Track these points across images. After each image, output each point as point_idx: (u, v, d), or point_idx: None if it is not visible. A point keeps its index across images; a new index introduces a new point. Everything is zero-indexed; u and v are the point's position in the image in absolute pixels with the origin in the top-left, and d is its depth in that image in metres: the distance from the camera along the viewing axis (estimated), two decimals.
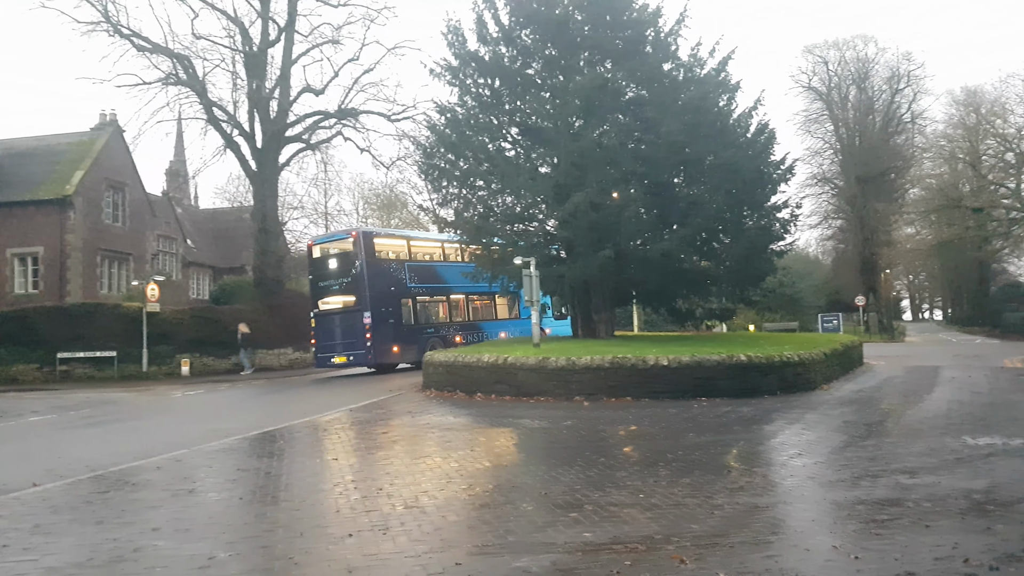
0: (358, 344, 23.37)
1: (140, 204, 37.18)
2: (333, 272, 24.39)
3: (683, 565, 5.10)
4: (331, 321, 24.36)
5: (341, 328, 23.92)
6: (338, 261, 24.42)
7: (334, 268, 24.38)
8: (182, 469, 9.23)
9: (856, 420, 11.65)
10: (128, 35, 29.04)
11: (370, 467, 8.94)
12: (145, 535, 6.28)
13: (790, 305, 49.49)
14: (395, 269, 24.72)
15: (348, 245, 24.56)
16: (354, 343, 23.46)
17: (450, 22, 21.67)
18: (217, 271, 45.68)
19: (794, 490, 7.37)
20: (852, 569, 4.95)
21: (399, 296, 24.62)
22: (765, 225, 21.75)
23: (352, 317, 23.62)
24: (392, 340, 23.50)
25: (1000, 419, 11.22)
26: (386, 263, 24.86)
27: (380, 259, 24.68)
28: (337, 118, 32.13)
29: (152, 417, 16.48)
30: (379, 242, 25.45)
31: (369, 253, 24.08)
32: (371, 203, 60.27)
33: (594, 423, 12.02)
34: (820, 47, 58.59)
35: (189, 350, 27.03)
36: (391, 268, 24.70)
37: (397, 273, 24.70)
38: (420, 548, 5.63)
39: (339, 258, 24.49)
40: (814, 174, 59.44)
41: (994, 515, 6.14)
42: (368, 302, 23.32)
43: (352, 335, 23.50)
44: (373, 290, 23.43)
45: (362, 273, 23.53)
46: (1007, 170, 43.81)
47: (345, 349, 23.69)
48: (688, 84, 20.92)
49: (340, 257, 24.49)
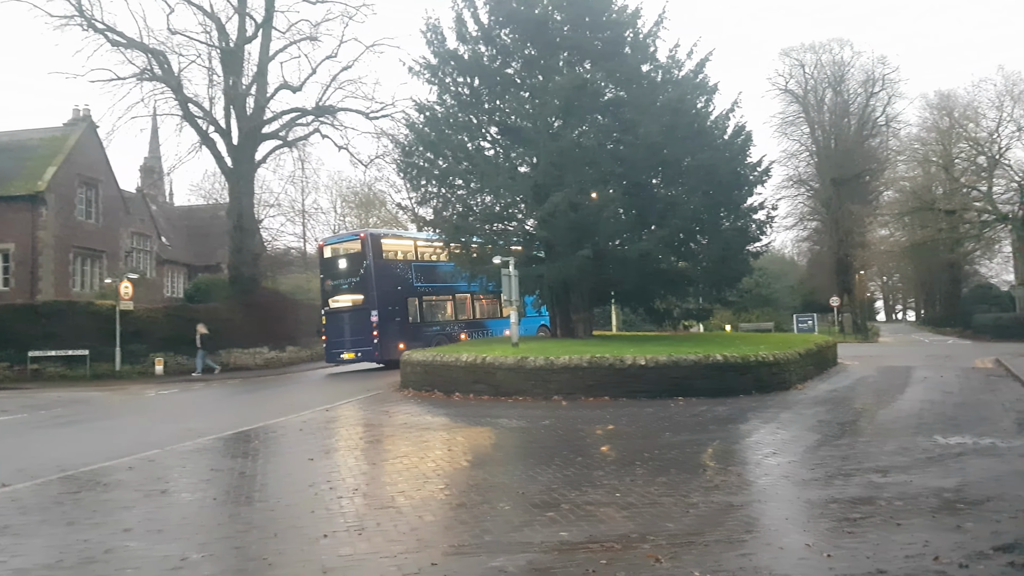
0: (366, 341, 24.18)
1: (114, 201, 36.65)
2: (342, 272, 25.26)
3: (658, 564, 5.13)
4: (340, 319, 25.15)
5: (350, 325, 24.77)
6: (347, 261, 25.25)
7: (343, 268, 25.24)
8: (155, 469, 9.13)
9: (830, 419, 11.78)
10: (102, 29, 28.60)
11: (346, 467, 8.89)
12: (116, 536, 6.21)
13: (766, 306, 49.96)
14: (402, 269, 25.44)
15: (356, 246, 25.30)
16: (362, 340, 24.27)
17: (429, 20, 21.64)
18: (192, 269, 45.18)
19: (768, 489, 7.44)
20: (824, 567, 5.00)
21: (406, 295, 25.46)
22: (741, 226, 21.95)
23: (360, 315, 24.43)
24: (399, 337, 24.11)
25: (971, 419, 11.40)
26: (393, 263, 25.62)
27: (387, 259, 25.52)
28: (315, 115, 31.89)
29: (125, 417, 16.28)
30: (386, 243, 26.27)
31: (376, 254, 24.92)
32: (349, 201, 59.92)
33: (572, 422, 12.05)
34: (797, 50, 59.19)
35: (163, 349, 26.69)
36: (398, 268, 25.42)
37: (404, 273, 25.44)
38: (396, 548, 5.61)
39: (348, 258, 25.28)
40: (790, 176, 60.04)
41: (964, 513, 6.24)
42: (375, 301, 24.19)
43: (360, 332, 24.32)
44: (380, 289, 24.27)
45: (369, 273, 24.39)
46: (979, 173, 44.49)
47: (353, 346, 24.51)
48: (666, 86, 21.04)
49: (349, 258, 25.30)
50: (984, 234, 47.46)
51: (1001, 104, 42.29)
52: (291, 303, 33.45)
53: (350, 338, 24.65)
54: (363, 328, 24.21)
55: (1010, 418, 11.43)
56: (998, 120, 42.54)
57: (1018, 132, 42.14)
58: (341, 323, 25.09)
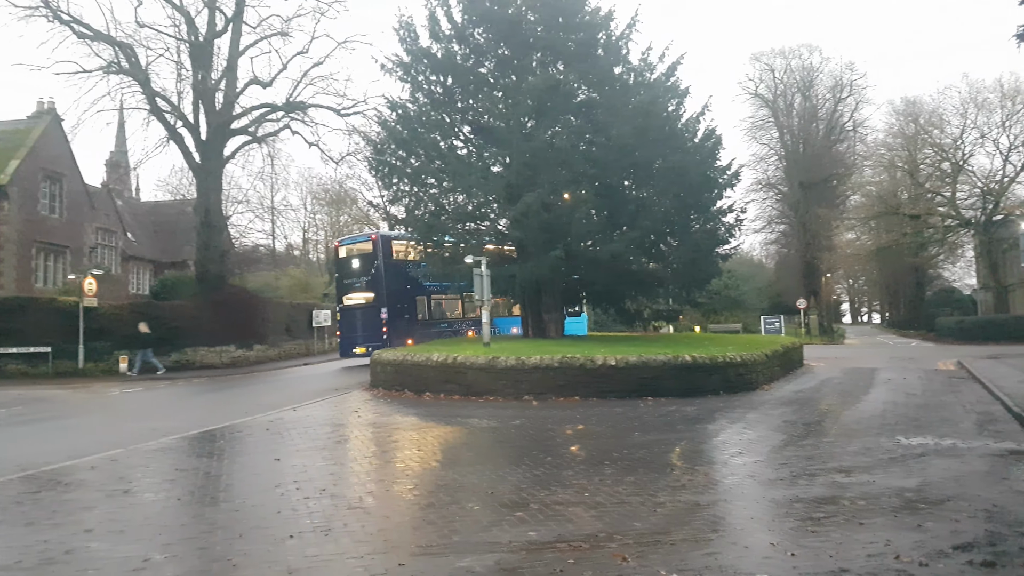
0: (376, 336, 25.27)
1: (78, 195, 35.97)
2: (355, 271, 26.50)
3: (625, 563, 5.16)
4: (353, 315, 26.57)
5: (362, 322, 26.09)
6: (359, 261, 26.38)
7: (356, 267, 26.46)
8: (118, 469, 8.97)
9: (795, 420, 11.93)
10: (68, 21, 28.03)
11: (313, 467, 8.80)
12: (77, 536, 6.10)
13: (734, 307, 50.54)
14: (411, 269, 25.78)
15: (368, 247, 26.32)
16: (372, 335, 25.45)
17: (402, 18, 21.58)
18: (158, 266, 44.51)
19: (734, 488, 7.51)
20: (788, 566, 5.07)
21: (415, 293, 26.48)
22: (711, 229, 22.16)
23: (371, 312, 25.75)
24: (407, 334, 24.98)
25: (932, 420, 11.62)
26: (403, 263, 26.21)
27: (397, 259, 26.33)
28: (285, 111, 31.56)
29: (87, 415, 15.96)
30: (397, 244, 26.80)
31: (387, 254, 25.94)
32: (320, 198, 59.50)
33: (542, 422, 12.07)
34: (767, 55, 60.09)
35: (128, 347, 26.19)
36: (407, 268, 25.84)
37: (413, 272, 25.80)
38: (363, 549, 5.58)
39: (360, 258, 26.40)
40: (759, 179, 60.88)
41: (925, 513, 6.36)
42: (385, 299, 25.46)
43: (371, 328, 25.58)
44: (390, 288, 25.37)
45: (380, 272, 25.48)
46: (943, 179, 45.40)
47: (364, 341, 25.69)
48: (638, 88, 21.17)
49: (361, 257, 26.40)
50: (947, 239, 48.48)
51: (965, 111, 43.26)
52: (259, 301, 33.09)
53: (362, 333, 25.91)
54: (374, 324, 25.44)
55: (971, 419, 11.67)
56: (962, 127, 43.50)
57: (981, 139, 43.16)
58: (354, 319, 26.39)
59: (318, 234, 62.91)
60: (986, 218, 43.00)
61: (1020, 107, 41.27)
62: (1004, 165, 42.69)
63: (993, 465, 8.27)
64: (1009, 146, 42.04)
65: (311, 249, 63.50)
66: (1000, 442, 9.59)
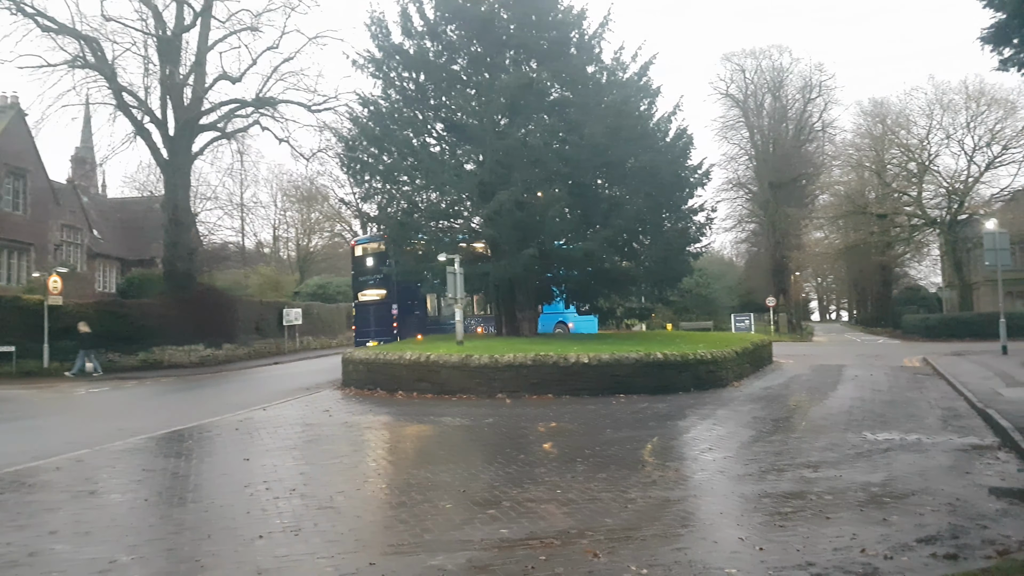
0: (387, 331, 26.10)
1: (43, 192, 35.27)
2: (369, 269, 27.16)
3: (596, 559, 5.18)
4: (367, 311, 27.62)
5: (374, 317, 27.02)
6: (374, 259, 26.80)
7: (370, 266, 27.10)
8: (83, 470, 8.82)
9: (764, 416, 12.07)
10: (32, 14, 27.44)
11: (283, 468, 8.72)
12: (42, 539, 5.99)
13: (705, 305, 50.90)
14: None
15: (381, 246, 26.37)
16: (384, 330, 26.32)
17: (374, 14, 21.45)
18: (125, 263, 43.74)
19: (704, 484, 7.59)
20: (756, 560, 5.13)
21: (426, 291, 26.52)
22: (683, 227, 22.35)
23: (383, 308, 26.64)
24: (417, 329, 25.45)
25: (898, 416, 11.83)
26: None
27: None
28: (255, 107, 31.18)
29: (53, 416, 15.66)
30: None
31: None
32: (290, 195, 58.86)
33: (515, 420, 12.08)
34: (738, 55, 60.47)
35: (94, 346, 25.79)
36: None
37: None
38: (334, 549, 5.54)
39: (375, 257, 26.79)
40: (730, 179, 61.35)
41: (890, 507, 6.47)
42: (396, 295, 26.07)
43: (383, 323, 26.49)
44: (400, 285, 25.53)
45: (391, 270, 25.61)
46: (910, 179, 46.15)
47: (377, 335, 26.44)
48: (611, 87, 21.26)
49: (375, 256, 26.75)
50: (914, 238, 49.36)
51: (931, 112, 43.96)
52: (228, 299, 32.67)
53: (374, 328, 26.85)
54: (386, 319, 26.43)
55: (935, 415, 11.90)
56: (928, 128, 44.22)
57: (947, 140, 43.89)
58: (367, 314, 27.50)
59: (288, 231, 62.33)
60: (951, 217, 43.80)
61: (984, 109, 42.04)
62: (969, 165, 43.52)
63: (957, 460, 8.44)
64: (973, 147, 42.86)
65: (281, 247, 62.92)
66: (964, 437, 9.80)
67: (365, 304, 27.74)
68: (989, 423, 10.53)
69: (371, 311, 27.33)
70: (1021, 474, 7.69)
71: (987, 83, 42.34)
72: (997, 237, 23.15)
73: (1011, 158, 42.50)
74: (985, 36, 12.52)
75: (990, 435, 9.86)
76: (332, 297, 45.23)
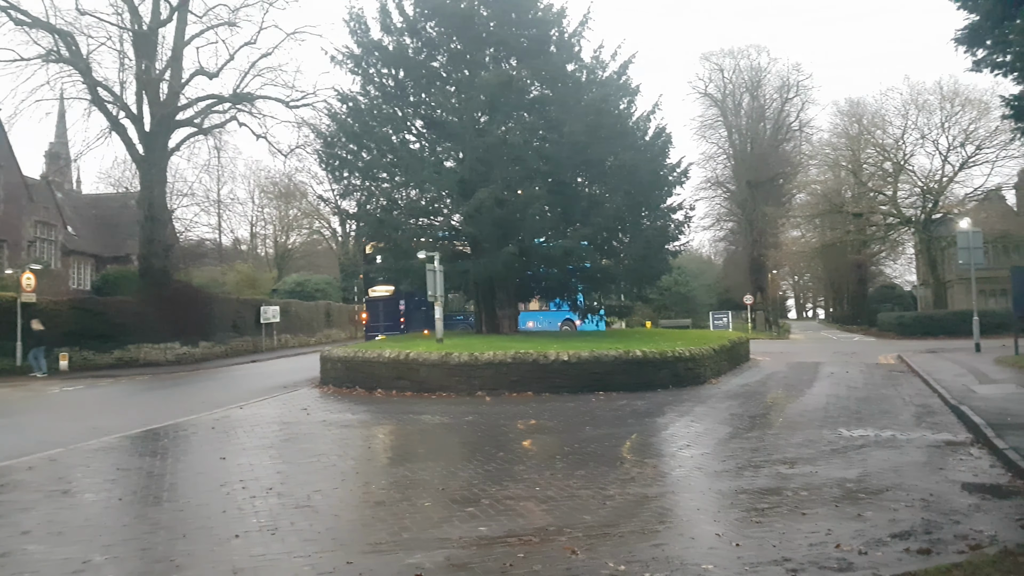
0: (395, 326, 27.79)
1: (16, 187, 34.73)
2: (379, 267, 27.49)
3: (574, 556, 5.19)
4: (377, 306, 29.22)
5: (384, 312, 28.67)
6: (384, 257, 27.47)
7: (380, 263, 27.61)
8: (57, 469, 8.70)
9: (741, 413, 12.16)
10: (5, 7, 26.93)
11: (260, 466, 8.65)
12: (14, 539, 5.91)
13: (684, 303, 51.24)
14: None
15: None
16: (392, 325, 28.09)
17: (353, 10, 21.36)
18: (100, 260, 43.18)
19: (682, 480, 7.63)
20: (733, 556, 5.16)
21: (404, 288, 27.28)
22: (661, 226, 22.46)
23: (391, 304, 28.27)
24: (424, 324, 26.42)
25: (873, 412, 11.96)
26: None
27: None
28: (232, 102, 30.85)
29: (25, 414, 15.42)
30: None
31: None
32: (268, 192, 58.39)
33: (495, 418, 12.08)
34: (717, 55, 60.92)
35: (68, 344, 25.38)
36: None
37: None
38: (311, 548, 5.51)
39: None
40: (708, 178, 61.82)
41: (864, 503, 6.54)
42: (402, 292, 26.90)
43: (391, 318, 28.19)
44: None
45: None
46: (885, 178, 46.69)
47: (386, 329, 27.92)
48: (590, 86, 21.32)
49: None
50: (889, 236, 49.98)
51: (906, 112, 44.51)
52: (205, 297, 32.31)
53: (383, 322, 28.44)
54: (393, 315, 28.10)
55: (909, 411, 12.04)
56: (903, 128, 44.77)
57: (922, 139, 44.48)
58: (377, 309, 29.03)
59: (266, 228, 61.87)
60: (926, 216, 44.37)
61: (958, 109, 42.60)
62: (943, 165, 44.12)
63: (931, 456, 8.55)
64: (948, 146, 43.45)
65: (259, 244, 62.43)
66: (937, 433, 9.93)
67: (375, 300, 29.10)
68: (962, 420, 10.67)
69: (380, 307, 28.79)
70: (993, 470, 7.80)
71: (961, 84, 42.94)
72: (971, 236, 23.47)
73: (984, 158, 43.16)
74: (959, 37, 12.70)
75: (963, 431, 9.99)
76: (311, 295, 44.92)
